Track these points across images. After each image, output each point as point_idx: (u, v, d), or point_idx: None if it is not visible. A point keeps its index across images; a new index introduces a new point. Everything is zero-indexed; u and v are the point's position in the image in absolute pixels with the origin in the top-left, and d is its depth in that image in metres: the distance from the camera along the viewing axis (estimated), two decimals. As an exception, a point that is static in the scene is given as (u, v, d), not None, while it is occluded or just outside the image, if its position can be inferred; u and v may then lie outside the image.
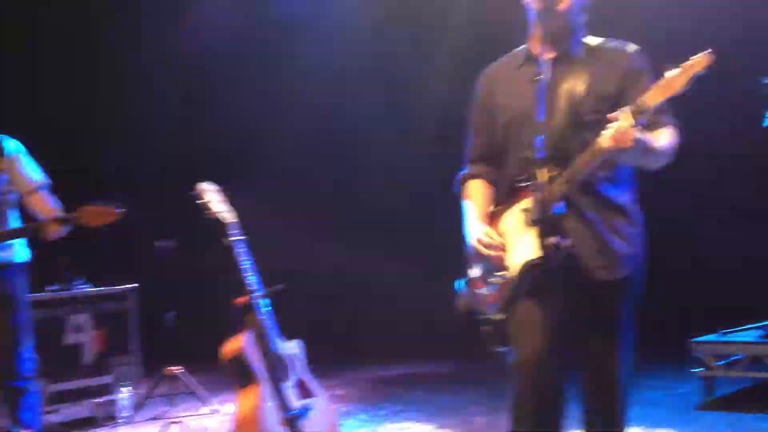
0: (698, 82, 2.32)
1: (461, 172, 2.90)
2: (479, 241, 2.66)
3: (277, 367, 3.75)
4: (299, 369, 3.89)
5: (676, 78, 2.31)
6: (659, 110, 2.47)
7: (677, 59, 2.33)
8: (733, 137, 6.66)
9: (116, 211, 3.70)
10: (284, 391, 3.73)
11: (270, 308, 3.83)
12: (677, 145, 2.59)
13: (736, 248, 7.13)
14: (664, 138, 2.55)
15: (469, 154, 2.89)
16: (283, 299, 3.93)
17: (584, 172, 2.50)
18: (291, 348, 3.90)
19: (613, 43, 2.72)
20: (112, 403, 5.18)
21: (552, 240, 2.45)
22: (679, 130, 2.60)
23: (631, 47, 2.69)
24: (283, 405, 3.70)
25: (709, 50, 2.28)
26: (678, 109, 2.58)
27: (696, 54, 2.30)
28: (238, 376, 3.76)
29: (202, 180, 4.04)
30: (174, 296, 5.69)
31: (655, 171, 2.63)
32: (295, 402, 3.76)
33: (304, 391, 3.85)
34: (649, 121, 2.45)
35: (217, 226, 3.89)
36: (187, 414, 5.34)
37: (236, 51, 7.69)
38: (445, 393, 5.70)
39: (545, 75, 2.59)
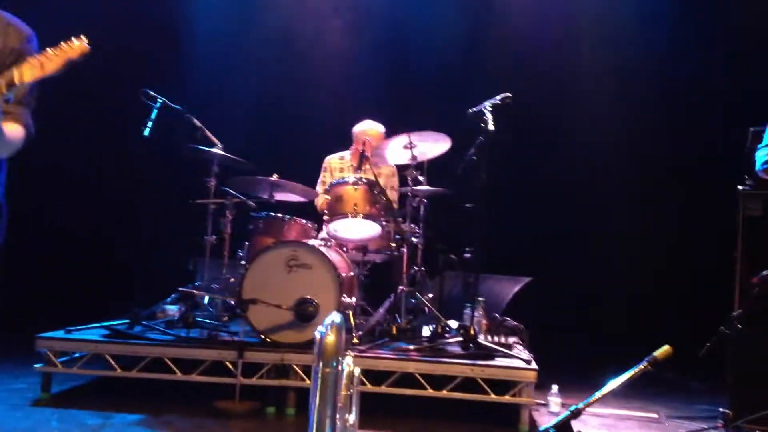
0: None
1: None
2: None
3: None
4: None
5: (50, 59, 2.31)
6: (21, 102, 2.45)
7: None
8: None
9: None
10: None
11: None
12: (24, 143, 2.56)
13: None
14: (16, 131, 2.50)
15: None
16: None
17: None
18: None
19: (12, 20, 2.60)
20: None
21: None
22: (31, 132, 2.58)
23: (27, 29, 2.62)
24: None
25: (86, 40, 2.33)
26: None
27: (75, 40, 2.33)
28: None
29: None
30: None
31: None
32: None
33: None
34: (9, 110, 2.41)
35: None
36: None
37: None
38: None
39: None
